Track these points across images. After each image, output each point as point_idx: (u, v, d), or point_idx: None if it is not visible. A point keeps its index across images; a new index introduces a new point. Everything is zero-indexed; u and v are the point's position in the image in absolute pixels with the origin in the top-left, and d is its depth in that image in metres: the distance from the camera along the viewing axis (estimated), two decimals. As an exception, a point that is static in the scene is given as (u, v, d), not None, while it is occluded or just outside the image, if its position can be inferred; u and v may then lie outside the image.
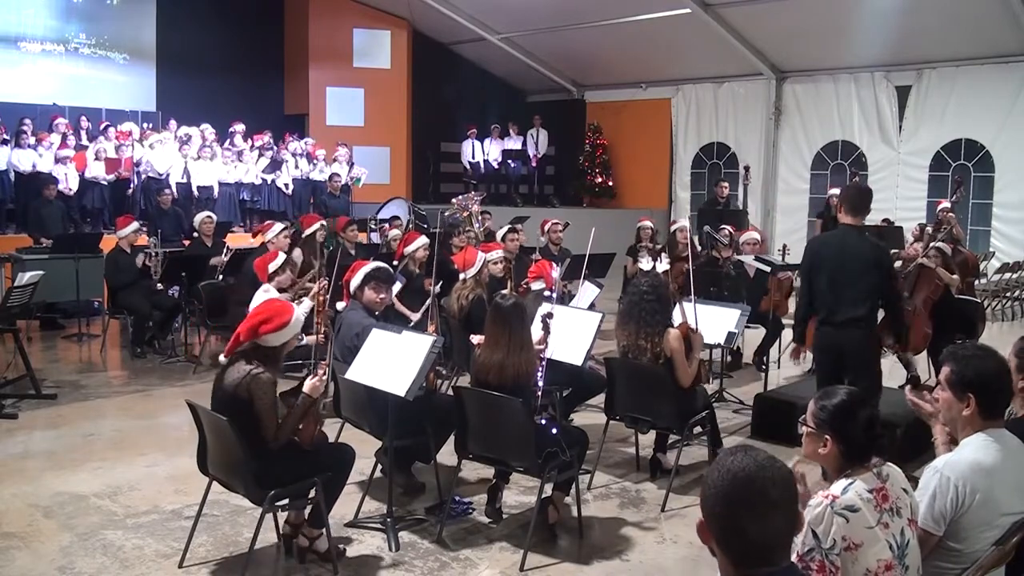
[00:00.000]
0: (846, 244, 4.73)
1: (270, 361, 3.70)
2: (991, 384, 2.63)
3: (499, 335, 4.13)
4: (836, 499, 2.25)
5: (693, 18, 13.41)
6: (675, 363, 4.71)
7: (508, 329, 4.11)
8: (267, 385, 3.59)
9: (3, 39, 13.32)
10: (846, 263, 4.69)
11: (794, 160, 15.04)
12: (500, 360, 4.09)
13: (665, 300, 4.82)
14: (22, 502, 4.60)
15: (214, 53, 14.86)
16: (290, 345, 3.82)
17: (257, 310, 3.82)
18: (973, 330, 7.04)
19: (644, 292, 4.79)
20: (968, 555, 2.52)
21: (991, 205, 12.97)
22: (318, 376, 3.72)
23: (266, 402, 3.58)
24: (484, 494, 4.56)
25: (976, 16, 11.66)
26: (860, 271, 4.66)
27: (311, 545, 3.92)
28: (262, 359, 3.67)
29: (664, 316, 4.79)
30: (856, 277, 4.66)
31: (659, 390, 4.74)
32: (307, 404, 3.68)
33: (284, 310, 3.76)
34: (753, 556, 1.62)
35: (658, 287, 4.83)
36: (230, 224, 11.51)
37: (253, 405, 3.57)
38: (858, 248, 4.70)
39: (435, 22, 16.32)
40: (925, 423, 3.05)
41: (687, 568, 4.01)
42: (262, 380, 3.58)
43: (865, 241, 4.74)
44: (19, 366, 6.82)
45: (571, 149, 17.47)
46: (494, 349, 4.13)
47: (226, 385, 3.66)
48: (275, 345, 3.72)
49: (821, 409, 2.42)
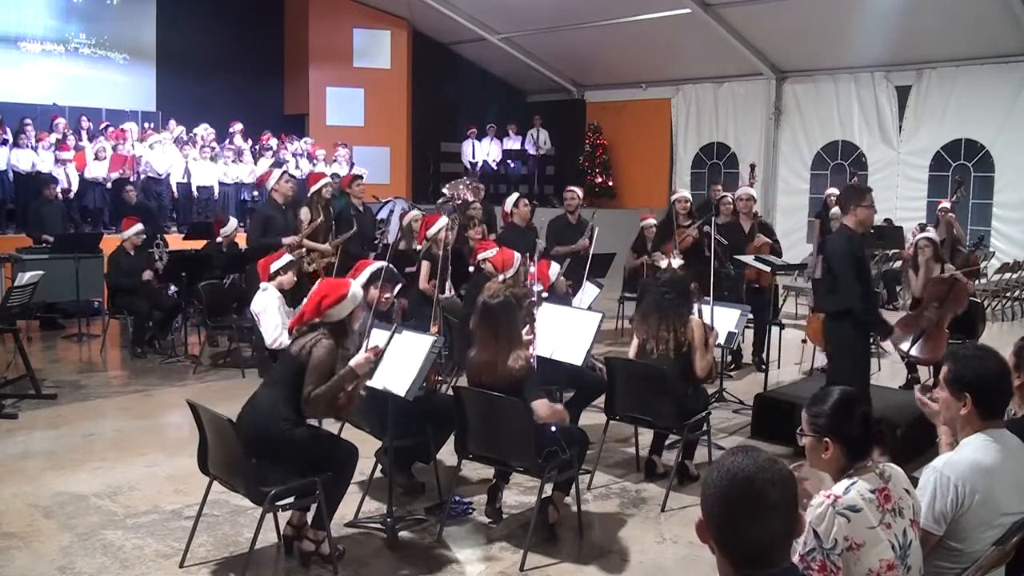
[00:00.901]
0: (828, 240, 5.23)
1: (338, 334, 3.85)
2: (988, 385, 2.63)
3: (487, 334, 4.12)
4: (838, 499, 2.25)
5: (693, 18, 13.42)
6: (696, 351, 4.79)
7: (496, 327, 4.09)
8: (328, 347, 3.75)
9: (3, 39, 13.33)
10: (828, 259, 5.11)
11: (794, 160, 15.05)
12: (490, 359, 4.08)
13: (686, 294, 4.94)
14: (22, 502, 4.59)
15: (214, 53, 14.86)
16: (356, 317, 3.95)
17: (317, 289, 3.97)
18: (973, 330, 7.05)
19: (664, 292, 4.89)
20: (968, 555, 2.52)
21: (991, 205, 12.98)
22: (365, 356, 3.82)
23: (320, 360, 3.71)
24: (484, 494, 4.56)
25: (976, 16, 11.66)
26: (833, 265, 5.01)
27: (317, 548, 3.91)
28: (331, 333, 3.82)
29: (687, 308, 4.93)
30: (832, 271, 5.02)
31: (659, 390, 4.74)
32: (349, 376, 3.79)
33: (341, 285, 3.95)
34: (752, 557, 1.61)
35: (677, 284, 4.95)
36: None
37: (309, 362, 3.71)
38: (834, 243, 5.06)
39: (435, 22, 16.33)
40: (925, 423, 3.05)
41: (687, 568, 4.00)
42: (324, 343, 3.76)
43: (841, 237, 5.01)
44: (19, 366, 6.82)
45: (571, 149, 17.47)
46: (484, 348, 4.13)
47: (291, 351, 3.84)
48: (340, 319, 3.86)
49: (816, 416, 2.42)
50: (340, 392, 3.78)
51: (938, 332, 6.58)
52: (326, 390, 3.72)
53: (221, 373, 7.77)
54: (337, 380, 3.75)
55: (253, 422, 3.76)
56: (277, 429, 3.71)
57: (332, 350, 3.77)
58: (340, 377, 3.76)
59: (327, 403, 3.77)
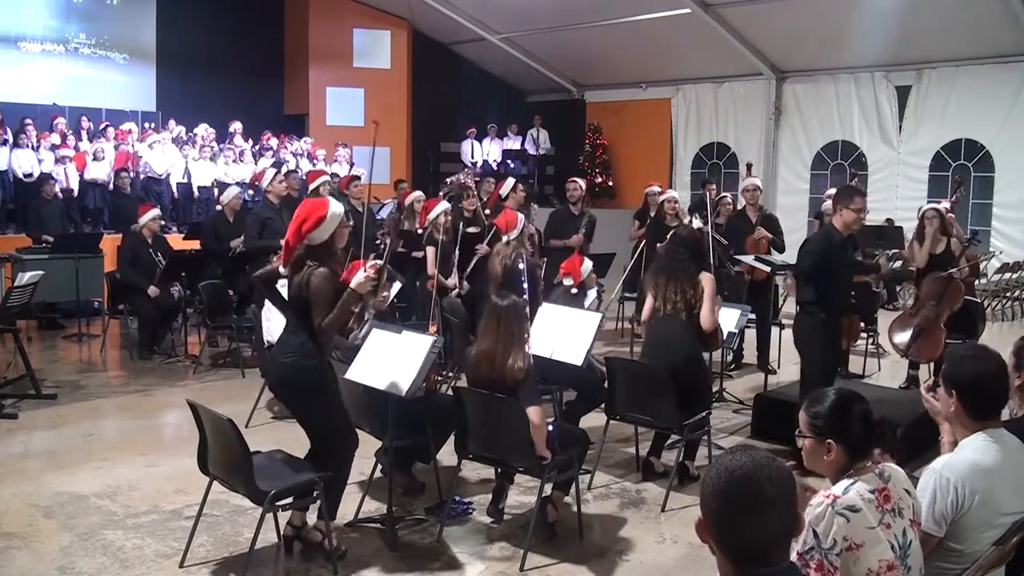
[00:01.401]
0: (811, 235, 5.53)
1: (325, 257, 3.85)
2: (978, 385, 2.63)
3: (490, 327, 4.17)
4: (837, 499, 2.25)
5: (693, 18, 13.42)
6: (704, 302, 4.79)
7: (498, 323, 4.13)
8: (322, 276, 3.78)
9: (3, 39, 13.33)
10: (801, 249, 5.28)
11: (794, 160, 15.05)
12: (489, 350, 4.11)
13: (697, 254, 4.96)
14: (22, 502, 4.59)
15: (214, 53, 14.87)
16: (341, 237, 3.96)
17: (297, 214, 3.94)
18: (973, 330, 7.05)
19: (676, 249, 4.95)
20: (968, 555, 2.52)
21: (991, 205, 12.98)
22: (366, 274, 3.83)
23: (319, 289, 3.76)
24: (484, 494, 4.57)
25: (976, 16, 11.66)
26: (803, 257, 5.18)
27: (322, 541, 3.92)
28: (317, 257, 3.84)
29: (696, 266, 4.91)
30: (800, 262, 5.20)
31: (659, 390, 4.74)
32: (353, 298, 3.81)
33: (319, 205, 3.91)
34: (751, 555, 1.62)
35: (690, 243, 4.96)
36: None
37: (311, 296, 3.77)
38: (813, 236, 5.30)
39: (435, 22, 16.33)
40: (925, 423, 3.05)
41: (687, 568, 4.00)
42: (318, 272, 3.79)
43: (821, 232, 5.26)
44: (19, 366, 6.82)
45: (571, 149, 17.47)
46: (484, 339, 4.18)
47: (291, 293, 3.92)
48: (323, 240, 3.85)
49: (815, 416, 2.39)
50: (349, 315, 3.85)
51: (935, 330, 6.60)
52: (334, 317, 3.78)
53: (221, 373, 7.78)
54: (342, 305, 3.79)
55: (282, 363, 3.91)
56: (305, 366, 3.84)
57: (327, 276, 3.79)
58: (344, 301, 3.79)
59: (339, 328, 3.85)
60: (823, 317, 5.08)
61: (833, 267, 5.08)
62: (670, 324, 4.85)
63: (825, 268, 5.04)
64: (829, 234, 5.12)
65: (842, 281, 5.39)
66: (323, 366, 3.93)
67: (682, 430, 4.80)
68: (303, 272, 3.82)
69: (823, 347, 5.15)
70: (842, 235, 5.05)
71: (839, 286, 5.32)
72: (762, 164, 14.82)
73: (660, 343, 4.90)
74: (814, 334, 5.12)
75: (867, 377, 7.68)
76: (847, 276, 5.53)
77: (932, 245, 7.01)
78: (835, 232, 5.07)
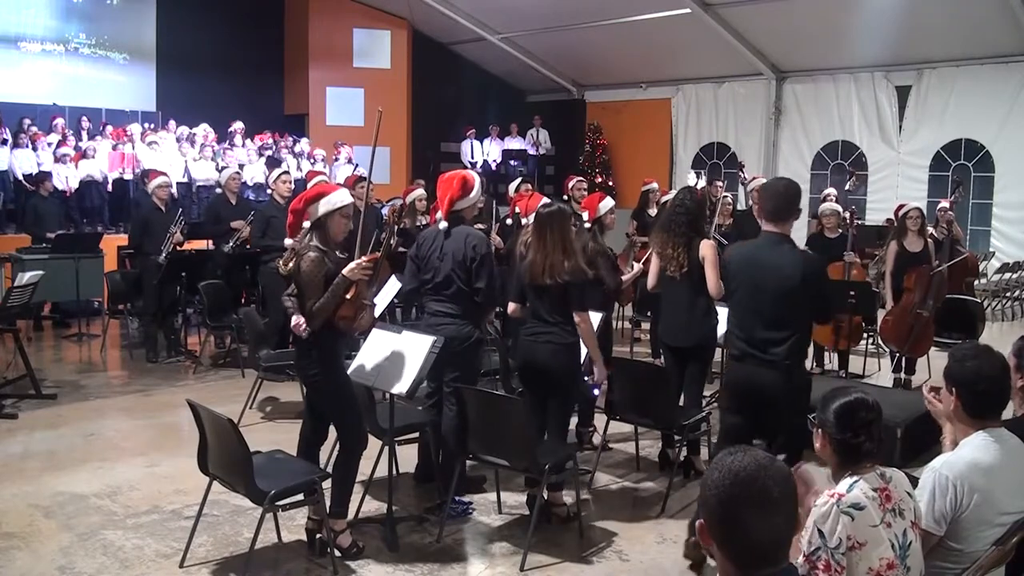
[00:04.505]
0: (759, 258, 3.81)
1: (321, 232, 3.89)
2: (978, 384, 2.64)
3: (539, 239, 4.33)
4: (842, 497, 2.26)
5: (693, 18, 13.41)
6: (706, 271, 4.85)
7: (547, 231, 4.30)
8: (311, 260, 3.81)
9: (3, 39, 13.33)
10: (758, 282, 3.77)
11: (794, 160, 15.03)
12: (543, 260, 4.26)
13: (695, 215, 5.01)
14: (22, 502, 4.59)
15: (214, 53, 14.85)
16: (339, 227, 3.96)
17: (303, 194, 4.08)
18: (973, 330, 7.06)
19: (677, 206, 5.03)
20: (968, 555, 2.52)
21: (991, 205, 12.98)
22: (357, 262, 3.83)
23: (307, 273, 3.80)
24: (484, 494, 4.56)
25: (976, 16, 11.65)
26: (775, 292, 3.71)
27: (336, 539, 3.93)
28: (314, 236, 3.89)
29: (692, 229, 4.97)
30: (770, 301, 3.73)
31: (659, 390, 4.74)
32: (343, 286, 3.80)
33: (328, 186, 4.17)
34: (754, 556, 1.61)
35: (689, 205, 5.01)
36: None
37: (300, 280, 3.85)
38: (777, 262, 3.73)
39: (435, 22, 16.32)
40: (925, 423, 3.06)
41: (687, 568, 4.00)
42: (308, 256, 3.83)
43: (786, 254, 3.75)
44: (19, 366, 6.82)
45: (571, 149, 17.47)
46: (537, 250, 4.33)
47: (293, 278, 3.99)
48: (318, 217, 3.89)
49: (823, 411, 2.46)
50: (339, 302, 3.81)
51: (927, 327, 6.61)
52: (323, 302, 3.79)
53: (221, 373, 7.77)
54: (332, 291, 3.79)
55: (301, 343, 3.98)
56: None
57: (316, 260, 3.81)
58: (335, 286, 3.79)
59: (329, 313, 3.82)
60: (797, 370, 4.90)
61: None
62: (678, 291, 4.95)
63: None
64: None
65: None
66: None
67: (682, 430, 4.81)
68: (297, 253, 3.89)
69: (796, 421, 4.96)
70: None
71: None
72: (762, 164, 14.82)
73: (678, 328, 5.02)
74: (785, 402, 4.85)
75: (867, 377, 7.68)
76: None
77: (911, 244, 7.04)
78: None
